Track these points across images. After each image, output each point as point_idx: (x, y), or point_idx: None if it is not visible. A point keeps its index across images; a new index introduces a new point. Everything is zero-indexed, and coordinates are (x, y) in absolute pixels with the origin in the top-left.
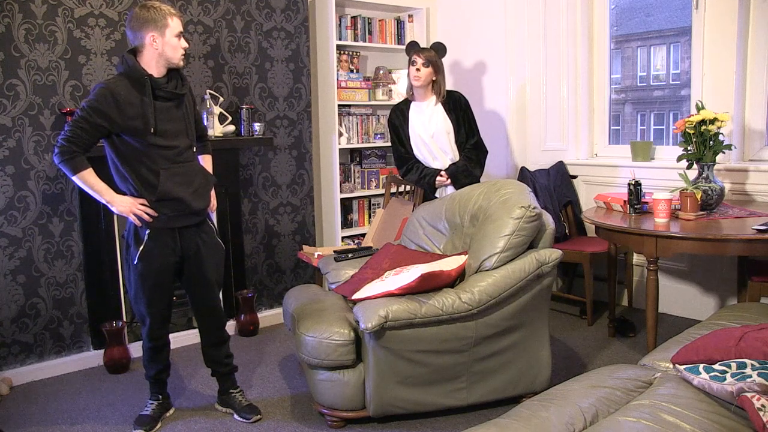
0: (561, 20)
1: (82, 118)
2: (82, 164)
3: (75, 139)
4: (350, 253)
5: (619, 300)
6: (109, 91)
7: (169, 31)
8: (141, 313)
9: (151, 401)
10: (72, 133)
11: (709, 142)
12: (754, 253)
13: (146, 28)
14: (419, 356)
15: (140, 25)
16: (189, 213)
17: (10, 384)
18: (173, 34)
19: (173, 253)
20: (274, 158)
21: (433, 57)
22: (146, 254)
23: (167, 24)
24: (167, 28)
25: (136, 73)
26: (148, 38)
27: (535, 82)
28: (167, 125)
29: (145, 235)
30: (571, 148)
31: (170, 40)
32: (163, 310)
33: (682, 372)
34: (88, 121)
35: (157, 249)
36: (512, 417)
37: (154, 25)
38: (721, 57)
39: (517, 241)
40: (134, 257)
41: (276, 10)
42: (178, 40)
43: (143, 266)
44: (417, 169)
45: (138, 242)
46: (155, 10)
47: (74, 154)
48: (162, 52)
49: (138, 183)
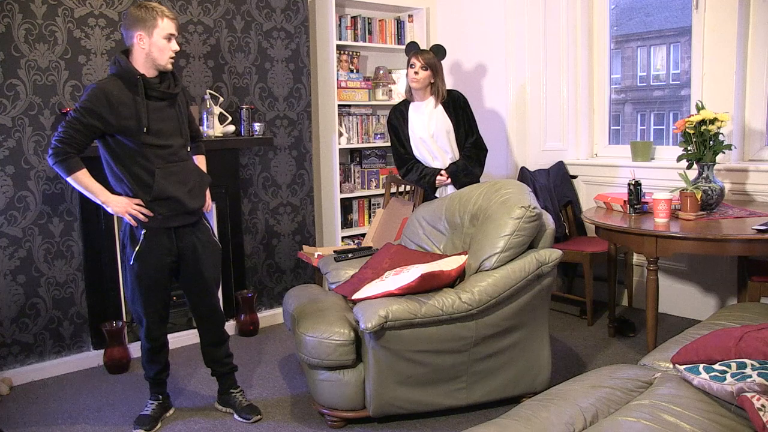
0: (561, 20)
1: (75, 119)
2: (77, 165)
3: (69, 140)
4: (350, 253)
5: (619, 300)
6: (101, 91)
7: (157, 31)
8: (138, 314)
9: (151, 401)
10: (65, 134)
11: (709, 142)
12: (754, 253)
13: (135, 27)
14: (419, 356)
15: (131, 23)
16: (184, 212)
17: (10, 384)
18: (162, 36)
19: (169, 253)
20: (274, 158)
21: (431, 59)
22: (142, 254)
23: (156, 24)
24: (156, 29)
25: (128, 73)
26: (135, 38)
27: (535, 82)
28: (160, 124)
29: (141, 235)
30: (571, 148)
31: (157, 41)
32: (160, 311)
33: (682, 372)
34: (81, 122)
35: (153, 249)
36: (512, 417)
37: (143, 25)
38: (721, 57)
39: (517, 241)
40: (130, 257)
41: (276, 10)
42: (167, 42)
43: (139, 266)
44: (417, 169)
45: (134, 242)
46: (147, 10)
47: (68, 155)
48: (149, 53)
49: (133, 183)
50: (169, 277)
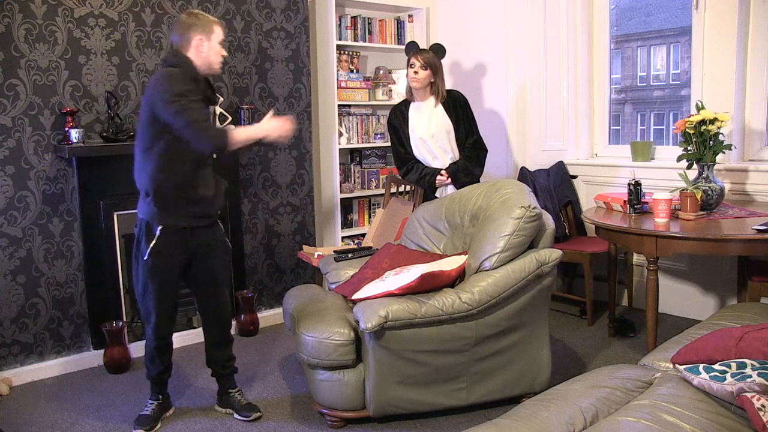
0: (561, 20)
1: (190, 101)
2: (227, 129)
3: (204, 117)
4: (350, 253)
5: (619, 300)
6: (186, 73)
7: (214, 36)
8: (148, 310)
9: (151, 401)
10: (196, 115)
11: (709, 142)
12: (754, 253)
13: (193, 31)
14: (419, 356)
15: (187, 29)
16: (208, 215)
17: (10, 384)
18: (218, 41)
19: (184, 250)
20: (274, 158)
21: (431, 59)
22: (157, 250)
23: (213, 30)
24: (213, 34)
25: (194, 72)
26: (195, 41)
27: (535, 82)
28: None
29: (158, 231)
30: (571, 148)
31: (214, 46)
32: (170, 309)
33: (682, 372)
34: (194, 101)
35: (168, 246)
36: (512, 417)
37: (201, 30)
38: (721, 57)
39: (517, 241)
40: (144, 253)
41: (276, 10)
42: (221, 47)
43: (153, 262)
44: (417, 169)
45: (150, 238)
46: (202, 16)
47: (216, 128)
48: (206, 56)
49: (177, 178)
50: (181, 275)
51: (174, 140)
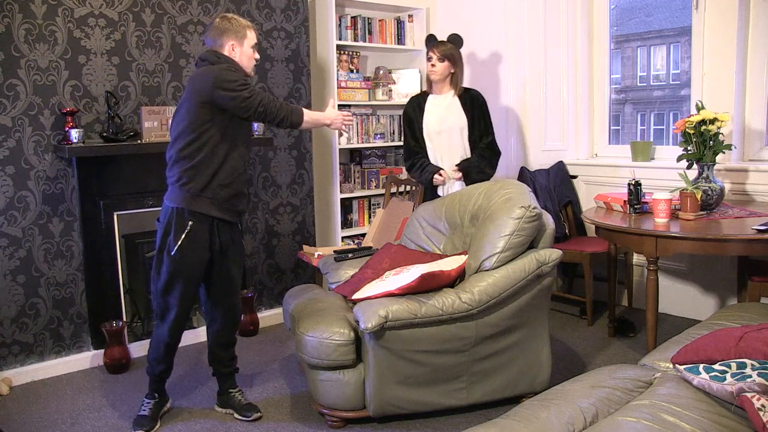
0: (561, 20)
1: (247, 83)
2: (301, 108)
3: (273, 97)
4: (350, 253)
5: (619, 300)
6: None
7: (247, 41)
8: (167, 306)
9: (147, 400)
10: (266, 96)
11: (709, 142)
12: (754, 253)
13: (226, 36)
14: (419, 356)
15: (220, 33)
16: (236, 210)
17: (10, 384)
18: (250, 45)
19: (210, 247)
20: (274, 158)
21: (448, 50)
22: (187, 243)
23: (246, 35)
24: (245, 39)
25: (240, 68)
26: (227, 47)
27: (535, 82)
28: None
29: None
30: (571, 148)
31: (247, 50)
32: (191, 306)
33: (682, 372)
34: (250, 84)
35: (197, 240)
36: (512, 417)
37: (234, 35)
38: (721, 57)
39: (517, 241)
40: (173, 247)
41: (276, 10)
42: (253, 51)
43: (181, 257)
44: (420, 165)
45: (181, 229)
46: (235, 21)
47: (291, 105)
48: (239, 61)
49: (224, 170)
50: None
51: (223, 130)
